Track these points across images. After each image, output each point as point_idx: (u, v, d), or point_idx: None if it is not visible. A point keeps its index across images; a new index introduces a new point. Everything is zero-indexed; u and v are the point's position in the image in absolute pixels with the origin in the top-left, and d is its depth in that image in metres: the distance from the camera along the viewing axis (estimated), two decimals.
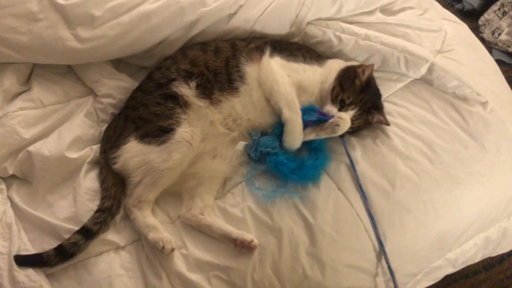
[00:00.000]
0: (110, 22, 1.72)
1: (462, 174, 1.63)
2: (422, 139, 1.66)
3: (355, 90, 1.63)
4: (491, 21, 3.33)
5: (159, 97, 1.61)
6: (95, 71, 1.82)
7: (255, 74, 1.66)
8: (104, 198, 1.54)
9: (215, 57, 1.69)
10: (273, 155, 1.59)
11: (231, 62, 1.68)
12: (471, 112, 1.71)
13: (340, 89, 1.63)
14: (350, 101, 1.62)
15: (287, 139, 1.57)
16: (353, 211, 1.56)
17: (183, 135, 1.54)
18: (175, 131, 1.54)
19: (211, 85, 1.64)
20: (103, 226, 1.50)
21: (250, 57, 1.69)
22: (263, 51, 1.69)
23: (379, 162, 1.62)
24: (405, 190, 1.58)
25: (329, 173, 1.62)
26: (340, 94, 1.62)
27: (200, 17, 1.77)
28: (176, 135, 1.54)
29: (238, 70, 1.66)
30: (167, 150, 1.52)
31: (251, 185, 1.58)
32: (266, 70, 1.64)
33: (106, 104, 1.77)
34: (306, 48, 1.83)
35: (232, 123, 1.66)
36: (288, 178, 1.57)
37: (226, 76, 1.66)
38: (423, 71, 1.77)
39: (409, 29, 1.85)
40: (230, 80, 1.65)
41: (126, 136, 1.58)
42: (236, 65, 1.67)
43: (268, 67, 1.65)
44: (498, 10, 3.35)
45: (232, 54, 1.70)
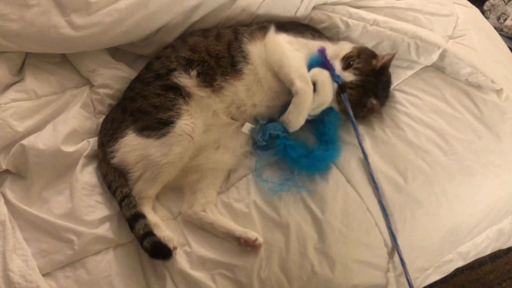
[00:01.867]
0: (106, 8, 1.63)
1: (476, 165, 1.56)
2: (434, 129, 1.59)
3: (368, 64, 1.57)
4: (497, 6, 3.25)
5: (158, 88, 1.54)
6: (91, 60, 1.74)
7: (259, 52, 1.60)
8: (117, 188, 1.47)
9: (216, 41, 1.62)
10: (283, 138, 1.52)
11: (233, 44, 1.61)
12: (485, 100, 1.63)
13: (356, 55, 1.57)
14: (359, 66, 1.56)
15: (293, 112, 1.48)
16: (363, 205, 1.49)
17: (184, 127, 1.47)
18: (175, 123, 1.47)
19: (213, 71, 1.57)
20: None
21: (253, 36, 1.62)
22: (266, 29, 1.63)
23: (390, 153, 1.56)
24: (417, 182, 1.52)
25: (338, 165, 1.55)
26: (353, 57, 1.56)
27: (201, 1, 1.69)
28: (177, 128, 1.47)
29: (241, 51, 1.60)
30: (167, 144, 1.46)
31: (258, 177, 1.51)
32: (273, 44, 1.58)
33: (103, 94, 1.69)
34: (314, 28, 1.77)
35: (236, 110, 1.60)
36: (296, 164, 1.50)
37: (229, 59, 1.58)
38: (434, 57, 1.69)
39: (419, 14, 1.78)
40: (233, 62, 1.58)
41: (124, 129, 1.51)
42: (239, 46, 1.60)
43: (275, 41, 1.59)
44: None
45: (234, 37, 1.64)
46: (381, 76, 1.59)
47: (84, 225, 1.45)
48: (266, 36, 1.61)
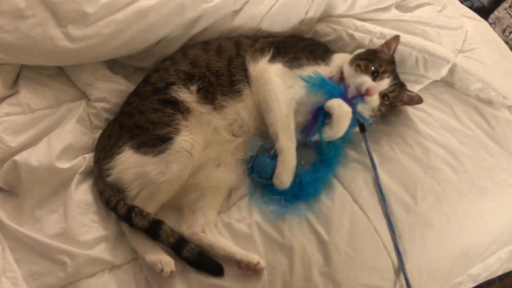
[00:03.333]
0: (104, 20, 1.58)
1: (488, 184, 1.50)
2: (444, 146, 1.54)
3: (384, 60, 1.52)
4: (502, 19, 3.21)
5: (156, 103, 1.48)
6: (88, 72, 1.68)
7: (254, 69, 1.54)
8: (119, 202, 1.39)
9: (217, 57, 1.56)
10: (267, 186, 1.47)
11: (234, 61, 1.55)
12: (497, 116, 1.58)
13: (368, 61, 1.50)
14: (383, 69, 1.50)
15: (282, 172, 1.41)
16: (371, 226, 1.43)
17: (183, 144, 1.41)
18: (173, 140, 1.40)
19: (213, 89, 1.51)
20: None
21: (255, 59, 1.56)
22: (266, 52, 1.57)
23: (398, 171, 1.50)
24: (426, 202, 1.45)
25: (344, 183, 1.49)
26: (371, 64, 1.49)
27: (202, 14, 1.64)
28: (175, 145, 1.40)
29: (242, 70, 1.54)
30: (165, 161, 1.39)
31: (256, 200, 1.45)
32: (262, 79, 1.51)
33: (99, 108, 1.63)
34: (312, 46, 1.68)
35: (238, 129, 1.54)
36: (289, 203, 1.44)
37: (228, 77, 1.53)
38: (443, 72, 1.64)
39: (428, 27, 1.72)
40: (231, 82, 1.52)
41: (120, 146, 1.44)
42: (240, 64, 1.54)
43: (265, 76, 1.51)
44: (509, 7, 3.23)
45: (236, 53, 1.58)
46: (395, 61, 1.57)
47: (78, 246, 1.38)
48: (259, 63, 1.55)
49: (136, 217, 1.35)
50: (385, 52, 1.55)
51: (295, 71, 1.52)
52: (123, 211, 1.38)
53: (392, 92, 1.50)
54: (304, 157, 1.51)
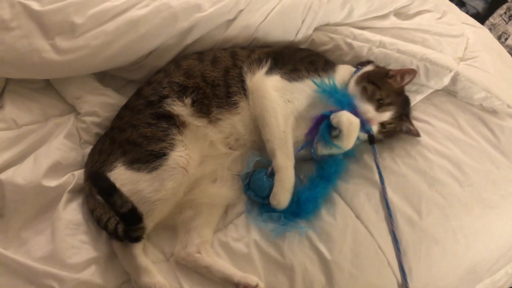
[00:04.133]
0: (93, 31, 1.52)
1: (494, 197, 1.45)
2: (448, 158, 1.48)
3: (392, 90, 1.46)
4: (497, 25, 3.19)
5: (150, 117, 1.41)
6: (76, 86, 1.62)
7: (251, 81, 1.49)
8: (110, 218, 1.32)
9: (212, 67, 1.50)
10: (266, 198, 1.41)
11: (231, 72, 1.49)
12: (502, 126, 1.53)
13: (376, 87, 1.45)
14: (390, 100, 1.44)
15: (279, 192, 1.36)
16: (375, 243, 1.37)
17: (178, 160, 1.34)
18: (168, 156, 1.34)
19: (208, 101, 1.45)
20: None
21: (252, 70, 1.50)
22: (264, 63, 1.51)
23: (402, 185, 1.44)
24: (432, 217, 1.40)
25: (346, 199, 1.43)
26: (378, 92, 1.44)
27: (195, 23, 1.58)
28: (170, 161, 1.33)
29: (239, 81, 1.48)
30: (159, 178, 1.32)
31: (254, 218, 1.38)
32: (258, 93, 1.45)
33: (89, 123, 1.57)
34: (312, 56, 1.62)
35: (235, 142, 1.48)
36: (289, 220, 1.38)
37: (224, 88, 1.47)
38: (446, 81, 1.59)
39: (428, 35, 1.67)
40: (228, 93, 1.46)
41: (112, 162, 1.37)
42: (237, 76, 1.49)
43: (262, 89, 1.45)
44: (504, 14, 3.22)
45: (232, 63, 1.52)
46: (402, 95, 1.51)
47: (66, 269, 1.30)
48: (255, 75, 1.48)
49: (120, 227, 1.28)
50: (397, 80, 1.49)
51: (294, 84, 1.46)
52: (113, 226, 1.30)
53: (391, 124, 1.46)
54: (303, 171, 1.45)
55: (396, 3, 1.74)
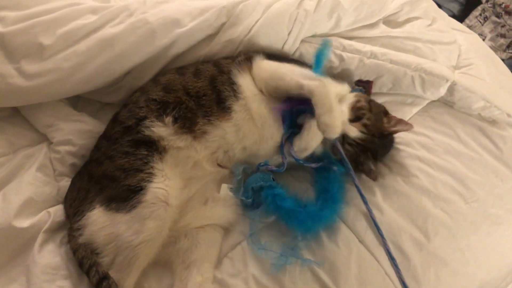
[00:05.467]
0: (64, 52, 1.40)
1: (501, 212, 1.39)
2: (451, 173, 1.42)
3: (377, 123, 1.37)
4: (473, 27, 3.19)
5: (127, 145, 1.28)
6: (48, 113, 1.47)
7: (249, 85, 1.39)
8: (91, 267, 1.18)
9: (195, 78, 1.39)
10: (268, 189, 1.31)
11: (219, 78, 1.39)
12: (503, 136, 1.48)
13: (368, 107, 1.36)
14: (368, 123, 1.35)
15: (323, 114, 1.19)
16: (381, 269, 1.29)
17: (157, 193, 1.21)
18: (145, 189, 1.21)
19: (192, 114, 1.33)
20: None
21: (241, 68, 1.41)
22: (253, 58, 1.44)
23: (405, 205, 1.37)
24: (439, 237, 1.33)
25: (347, 222, 1.35)
26: (365, 110, 1.35)
27: (175, 40, 1.47)
28: (148, 195, 1.20)
29: (230, 84, 1.37)
30: (139, 218, 1.18)
31: (255, 243, 1.27)
32: (263, 67, 1.40)
33: (64, 153, 1.42)
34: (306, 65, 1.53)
35: (223, 156, 1.37)
36: (292, 217, 1.29)
37: (214, 96, 1.36)
38: (442, 91, 1.53)
39: (419, 43, 1.61)
40: (219, 99, 1.35)
41: (90, 201, 1.23)
42: (227, 80, 1.38)
43: (265, 63, 1.40)
44: (479, 15, 3.22)
45: (218, 71, 1.41)
46: (386, 139, 1.41)
47: None
48: (253, 64, 1.41)
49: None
50: (390, 123, 1.40)
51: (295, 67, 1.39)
52: (95, 281, 1.17)
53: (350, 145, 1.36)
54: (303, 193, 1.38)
55: (384, 11, 1.67)
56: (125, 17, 1.47)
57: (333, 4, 1.58)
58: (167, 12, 1.48)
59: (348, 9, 1.61)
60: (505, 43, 3.05)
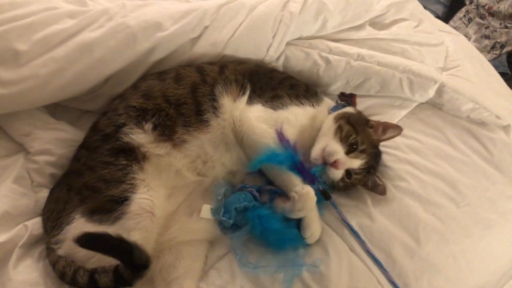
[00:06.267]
0: (41, 58, 1.34)
1: (493, 215, 1.37)
2: (441, 177, 1.40)
3: (369, 140, 1.33)
4: (458, 29, 3.19)
5: (107, 154, 1.23)
6: (24, 121, 1.41)
7: (232, 112, 1.33)
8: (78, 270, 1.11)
9: (176, 84, 1.34)
10: (254, 209, 1.25)
11: (200, 89, 1.34)
12: (493, 139, 1.46)
13: (353, 129, 1.31)
14: (363, 148, 1.31)
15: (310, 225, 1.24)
16: (373, 278, 1.25)
17: (142, 203, 1.16)
18: (130, 200, 1.15)
19: (172, 122, 1.29)
20: None
21: (229, 90, 1.36)
22: (243, 89, 1.37)
23: (396, 211, 1.33)
24: (431, 243, 1.29)
25: (337, 230, 1.30)
26: (353, 135, 1.31)
27: (156, 44, 1.42)
28: (133, 206, 1.15)
29: (211, 99, 1.32)
30: (124, 230, 1.12)
31: (247, 265, 1.21)
32: (244, 127, 1.31)
33: (42, 163, 1.36)
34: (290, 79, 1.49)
35: (202, 166, 1.32)
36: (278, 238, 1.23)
37: (193, 106, 1.31)
38: (431, 93, 1.51)
39: (407, 45, 1.59)
40: (198, 111, 1.31)
41: (70, 213, 1.17)
42: (209, 93, 1.33)
43: (247, 123, 1.31)
44: (464, 17, 3.23)
45: (201, 79, 1.36)
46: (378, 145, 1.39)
47: None
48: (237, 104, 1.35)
49: (102, 277, 1.08)
50: (377, 131, 1.37)
51: (280, 112, 1.33)
52: (86, 280, 1.10)
53: (358, 174, 1.33)
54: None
55: (371, 13, 1.64)
56: (104, 21, 1.42)
57: (318, 6, 1.55)
58: (148, 16, 1.43)
59: (334, 11, 1.58)
60: (490, 44, 3.06)
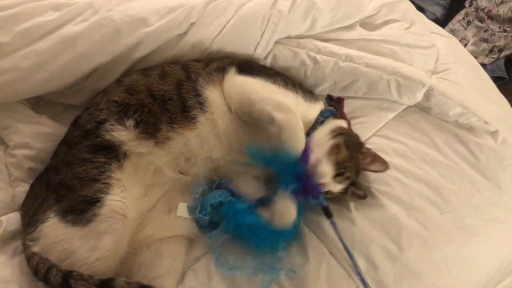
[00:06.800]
0: (23, 50, 1.32)
1: (477, 222, 1.35)
2: (426, 182, 1.37)
3: (357, 165, 1.31)
4: (457, 31, 3.17)
5: (85, 151, 1.20)
6: (4, 114, 1.39)
7: (220, 100, 1.31)
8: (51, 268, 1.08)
9: (161, 80, 1.32)
10: (229, 204, 1.23)
11: (185, 85, 1.31)
12: (481, 144, 1.43)
13: (348, 156, 1.28)
14: (348, 175, 1.29)
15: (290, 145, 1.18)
16: (352, 283, 1.23)
17: (114, 205, 1.13)
18: (102, 202, 1.12)
19: (156, 119, 1.26)
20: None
21: (211, 80, 1.33)
22: (225, 71, 1.34)
23: (378, 215, 1.32)
24: (413, 249, 1.27)
25: (318, 233, 1.29)
26: (347, 162, 1.28)
27: (141, 39, 1.40)
28: (104, 208, 1.12)
29: (196, 95, 1.29)
30: (95, 233, 1.10)
31: (224, 265, 1.20)
32: (235, 85, 1.30)
33: (21, 156, 1.34)
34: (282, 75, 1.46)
35: (185, 163, 1.30)
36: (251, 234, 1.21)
37: (178, 102, 1.28)
38: (419, 97, 1.48)
39: (397, 46, 1.56)
40: (184, 107, 1.28)
41: (45, 210, 1.15)
42: (193, 89, 1.30)
43: (237, 81, 1.30)
44: (463, 19, 3.20)
45: (186, 76, 1.33)
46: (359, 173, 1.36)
47: None
48: (224, 79, 1.33)
49: (77, 284, 1.05)
50: (365, 160, 1.33)
51: (269, 84, 1.31)
52: (58, 280, 1.07)
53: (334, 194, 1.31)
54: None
55: (361, 13, 1.61)
56: (89, 15, 1.39)
57: (308, 4, 1.52)
58: (133, 11, 1.40)
59: (324, 10, 1.55)
60: (488, 48, 3.03)
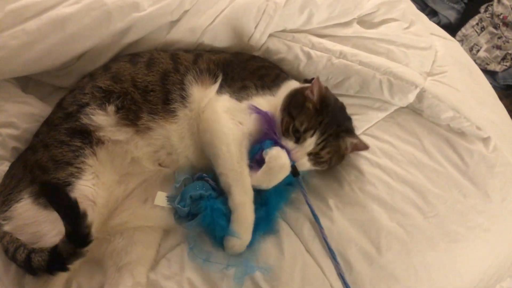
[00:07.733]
0: (12, 29, 1.32)
1: (461, 229, 1.32)
2: (411, 185, 1.35)
3: (308, 114, 1.25)
4: (469, 37, 3.12)
5: (64, 133, 1.20)
6: None
7: (201, 102, 1.29)
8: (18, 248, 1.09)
9: (147, 70, 1.31)
10: (208, 199, 1.21)
11: (171, 77, 1.30)
12: (471, 150, 1.40)
13: (290, 119, 1.26)
14: (305, 127, 1.24)
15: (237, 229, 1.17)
16: (327, 282, 1.20)
17: (84, 191, 1.13)
18: (73, 186, 1.12)
19: (137, 107, 1.25)
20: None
21: (201, 79, 1.32)
22: (215, 78, 1.33)
23: (359, 216, 1.29)
24: (392, 252, 1.25)
25: (295, 228, 1.26)
26: (291, 124, 1.25)
27: (132, 24, 1.39)
28: (75, 193, 1.11)
29: (180, 88, 1.28)
30: None
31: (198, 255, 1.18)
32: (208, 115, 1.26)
33: (5, 135, 1.34)
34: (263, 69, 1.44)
35: (166, 157, 1.29)
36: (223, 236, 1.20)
37: (161, 94, 1.27)
38: (411, 98, 1.45)
39: (393, 46, 1.53)
40: (166, 100, 1.27)
41: (20, 191, 1.14)
42: (179, 82, 1.29)
43: (212, 111, 1.27)
44: (476, 25, 3.14)
45: (173, 67, 1.32)
46: (327, 107, 1.27)
47: None
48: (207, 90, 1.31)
49: (36, 256, 1.06)
50: (310, 98, 1.28)
51: (244, 103, 1.28)
52: (23, 257, 1.07)
53: (324, 149, 1.26)
54: None
55: (360, 10, 1.59)
56: None
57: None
58: None
59: (321, 5, 1.53)
60: (500, 55, 2.98)
